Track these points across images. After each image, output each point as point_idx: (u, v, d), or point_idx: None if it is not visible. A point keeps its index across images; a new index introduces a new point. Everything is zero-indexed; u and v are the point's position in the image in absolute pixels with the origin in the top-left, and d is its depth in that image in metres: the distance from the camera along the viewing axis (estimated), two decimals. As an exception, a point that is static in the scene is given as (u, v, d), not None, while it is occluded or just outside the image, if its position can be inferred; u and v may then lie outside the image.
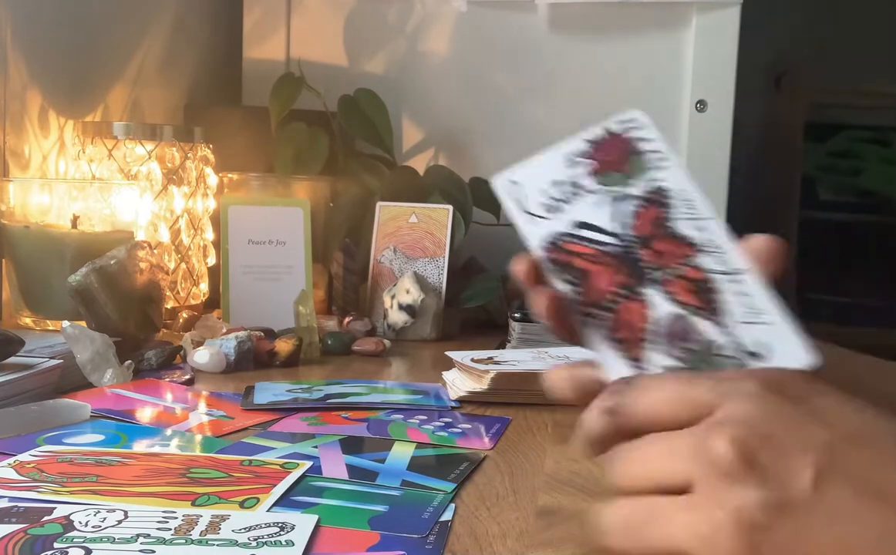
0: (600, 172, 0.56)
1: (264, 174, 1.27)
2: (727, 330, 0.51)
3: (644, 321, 0.52)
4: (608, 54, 1.47)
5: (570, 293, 0.53)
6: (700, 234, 0.53)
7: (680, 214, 0.54)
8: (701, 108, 1.44)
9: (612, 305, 0.53)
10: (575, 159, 0.56)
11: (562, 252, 0.54)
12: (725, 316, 0.51)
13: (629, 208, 0.55)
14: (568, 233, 0.55)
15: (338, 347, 1.01)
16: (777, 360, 0.49)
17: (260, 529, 0.48)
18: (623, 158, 0.56)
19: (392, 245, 1.20)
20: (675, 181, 0.55)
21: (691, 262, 0.53)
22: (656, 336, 0.51)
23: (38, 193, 1.00)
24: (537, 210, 0.56)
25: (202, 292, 1.19)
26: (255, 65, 1.52)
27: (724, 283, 0.52)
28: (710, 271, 0.52)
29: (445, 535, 0.49)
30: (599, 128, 0.56)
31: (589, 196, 0.55)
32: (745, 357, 0.50)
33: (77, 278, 0.87)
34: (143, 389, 0.80)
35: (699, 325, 0.51)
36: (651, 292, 0.52)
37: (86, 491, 0.53)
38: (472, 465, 0.62)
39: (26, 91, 1.08)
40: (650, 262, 0.53)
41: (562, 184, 0.56)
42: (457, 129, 1.49)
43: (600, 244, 0.54)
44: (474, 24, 1.48)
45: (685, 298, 0.52)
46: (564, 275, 0.54)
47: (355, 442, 0.67)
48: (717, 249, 0.52)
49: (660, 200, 0.54)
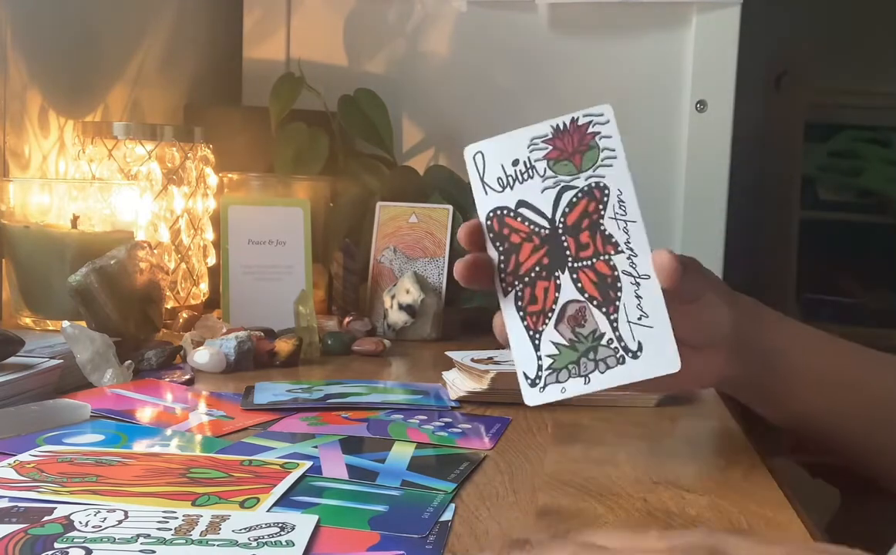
0: (554, 159, 0.61)
1: (264, 174, 1.27)
2: (616, 325, 0.59)
3: (551, 301, 0.60)
4: (608, 54, 1.47)
5: (499, 262, 0.61)
6: (622, 234, 0.59)
7: (610, 212, 0.60)
8: (701, 108, 1.44)
9: (528, 280, 0.61)
10: (537, 143, 0.62)
11: (502, 224, 0.61)
12: (619, 313, 0.59)
13: (568, 198, 0.61)
14: (511, 209, 0.62)
15: (338, 347, 1.01)
16: (648, 360, 0.58)
17: (260, 529, 0.48)
18: (578, 150, 0.61)
19: (392, 245, 1.20)
20: (616, 180, 0.60)
21: (606, 258, 0.59)
22: (556, 315, 0.60)
23: (38, 193, 1.00)
24: (492, 183, 0.62)
25: (202, 292, 1.19)
26: (255, 65, 1.52)
27: (627, 284, 0.59)
28: (619, 271, 0.59)
29: (445, 535, 0.49)
30: (568, 116, 0.61)
31: (538, 180, 0.61)
32: (624, 351, 0.58)
33: (77, 278, 0.87)
34: (143, 389, 0.80)
35: (594, 314, 0.59)
36: (563, 277, 0.60)
37: (86, 491, 0.53)
38: (472, 465, 0.62)
39: (26, 91, 1.08)
40: (572, 250, 0.60)
41: (519, 163, 0.62)
42: (457, 129, 1.49)
43: (535, 225, 0.61)
44: (474, 24, 1.48)
45: (589, 290, 0.60)
46: (498, 245, 0.61)
47: (355, 442, 0.67)
48: (631, 251, 0.59)
49: (597, 195, 0.60)
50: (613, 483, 0.59)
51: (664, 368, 0.57)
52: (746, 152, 1.74)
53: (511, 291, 0.61)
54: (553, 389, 0.59)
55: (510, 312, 0.60)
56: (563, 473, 0.61)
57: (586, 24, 1.47)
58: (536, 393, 0.59)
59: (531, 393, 0.59)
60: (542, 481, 0.60)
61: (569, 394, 0.59)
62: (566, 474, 0.61)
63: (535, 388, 0.59)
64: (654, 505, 0.55)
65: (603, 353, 0.59)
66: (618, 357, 0.58)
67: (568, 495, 0.57)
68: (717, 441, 0.71)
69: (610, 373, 0.58)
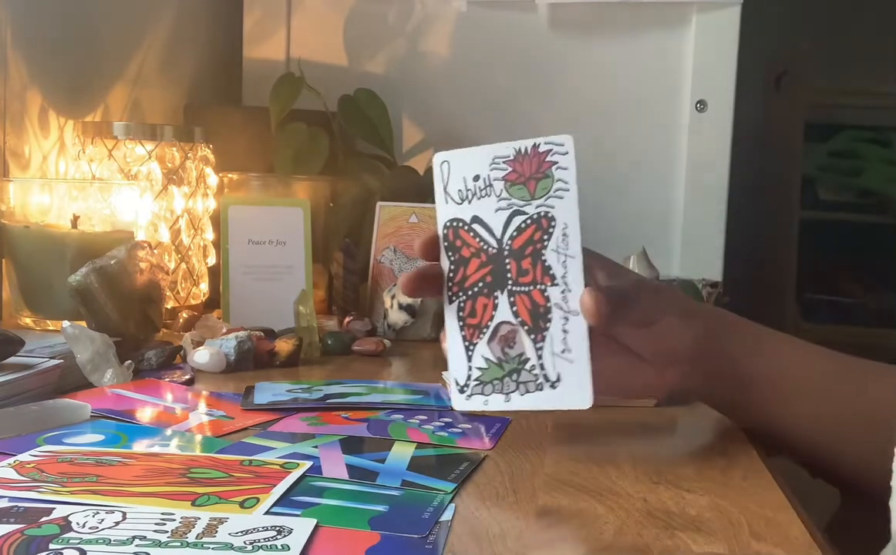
0: (511, 181, 0.63)
1: (264, 174, 1.27)
2: (540, 354, 0.61)
3: (487, 317, 0.63)
4: (608, 54, 1.47)
5: (449, 270, 0.64)
6: (560, 268, 0.61)
7: (553, 245, 0.61)
8: (701, 108, 1.44)
9: (472, 293, 0.63)
10: (499, 162, 0.63)
11: (456, 236, 0.64)
12: (545, 342, 0.61)
13: (518, 223, 0.62)
14: (466, 222, 0.64)
15: (338, 347, 1.01)
16: (563, 392, 0.60)
17: (257, 532, 0.48)
18: (534, 177, 0.62)
19: (392, 245, 1.20)
20: (564, 214, 0.61)
21: (542, 288, 0.61)
22: (490, 332, 0.63)
23: (38, 193, 1.00)
24: (453, 193, 0.64)
25: (202, 292, 1.19)
26: (255, 65, 1.52)
27: (557, 317, 0.61)
28: (552, 303, 0.61)
29: (446, 535, 0.49)
30: (530, 141, 0.62)
31: (494, 199, 0.63)
32: (543, 379, 0.61)
33: (77, 278, 0.87)
34: (143, 389, 0.80)
35: (523, 339, 0.62)
36: (502, 298, 0.63)
37: (86, 491, 0.53)
38: (472, 465, 0.62)
39: (26, 91, 1.08)
40: (513, 274, 0.62)
41: (479, 179, 0.63)
42: (457, 130, 1.49)
43: (484, 242, 0.63)
44: (474, 24, 1.48)
45: (522, 315, 0.62)
46: (450, 254, 0.64)
47: (355, 442, 0.67)
48: (566, 286, 0.61)
49: (544, 225, 0.61)
50: (613, 483, 0.59)
51: (577, 403, 0.60)
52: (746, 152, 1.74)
53: (455, 301, 0.64)
54: (477, 399, 0.63)
55: (451, 320, 0.64)
56: (563, 473, 0.61)
57: (586, 24, 1.47)
58: (463, 400, 0.64)
59: (458, 398, 0.64)
60: (542, 481, 0.60)
61: (490, 407, 0.63)
62: (566, 474, 0.61)
63: (463, 394, 0.64)
64: (654, 505, 0.55)
65: (525, 377, 0.62)
66: (537, 384, 0.61)
67: (568, 495, 0.57)
68: (717, 441, 0.71)
69: (528, 396, 0.62)
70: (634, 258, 1.16)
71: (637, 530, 0.51)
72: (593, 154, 1.47)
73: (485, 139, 0.66)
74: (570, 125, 1.48)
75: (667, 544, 0.49)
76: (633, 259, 1.16)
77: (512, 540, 0.49)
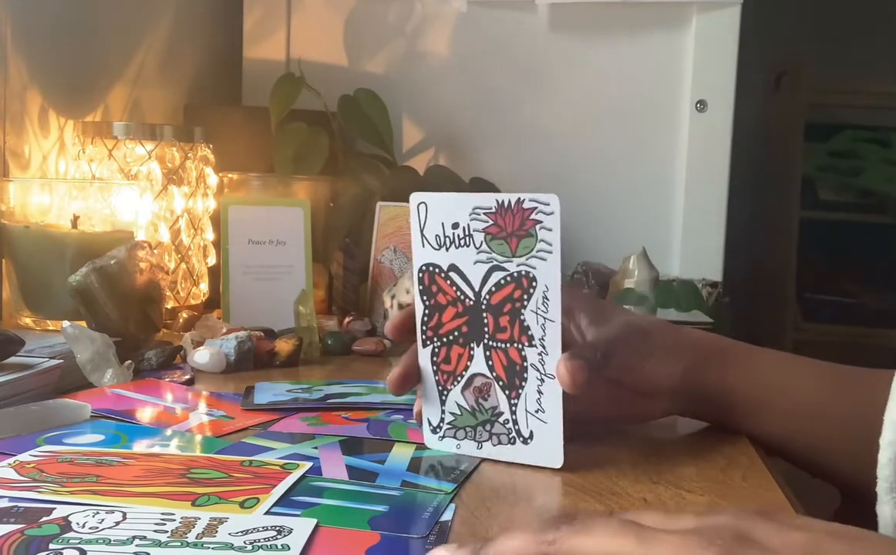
0: (492, 234, 0.60)
1: (264, 174, 1.27)
2: (514, 410, 0.61)
3: (462, 367, 0.62)
4: (608, 54, 1.47)
5: (423, 313, 0.63)
6: (538, 330, 0.60)
7: (532, 306, 0.60)
8: (701, 108, 1.44)
9: (447, 340, 0.63)
10: (479, 214, 0.61)
11: (432, 281, 0.63)
12: (519, 400, 0.61)
13: (497, 278, 0.61)
14: (443, 269, 0.62)
15: (338, 347, 1.01)
16: (535, 450, 0.61)
17: (257, 532, 0.48)
18: (516, 234, 0.60)
19: (392, 245, 1.20)
20: (545, 276, 0.59)
21: (519, 347, 0.60)
22: (464, 382, 0.62)
23: (38, 193, 1.00)
24: (430, 238, 0.62)
25: (202, 292, 1.19)
26: (255, 65, 1.52)
27: (533, 377, 0.60)
28: (528, 363, 0.60)
29: (446, 535, 0.49)
30: (515, 196, 0.60)
31: (473, 251, 0.61)
32: (516, 434, 0.61)
33: (77, 278, 0.87)
34: (143, 389, 0.80)
35: (497, 393, 0.61)
36: (477, 350, 0.62)
37: (85, 491, 0.53)
38: (472, 465, 0.62)
39: (26, 91, 1.08)
40: (490, 328, 0.61)
41: (458, 227, 0.61)
42: (457, 129, 1.49)
43: (461, 293, 0.62)
44: (474, 24, 1.48)
45: (498, 371, 0.61)
46: (425, 298, 0.63)
47: (355, 442, 0.67)
48: (543, 349, 0.60)
49: (524, 284, 0.60)
50: (614, 483, 0.59)
51: (547, 462, 0.61)
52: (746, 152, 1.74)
53: (430, 345, 0.64)
54: (449, 442, 0.64)
55: (425, 363, 0.64)
56: (564, 473, 0.61)
57: (586, 24, 1.47)
58: (436, 439, 0.64)
59: (430, 438, 0.65)
60: (542, 481, 0.60)
61: (462, 451, 0.63)
62: (566, 474, 0.61)
63: (436, 435, 0.64)
64: (654, 505, 0.55)
65: (498, 429, 0.62)
66: (510, 437, 0.62)
67: (568, 494, 0.57)
68: (717, 441, 0.71)
69: (500, 448, 0.62)
70: (634, 258, 1.16)
71: (637, 531, 0.51)
72: (593, 154, 1.48)
73: (485, 138, 0.65)
74: (569, 125, 1.49)
75: (667, 544, 0.49)
76: (633, 259, 1.16)
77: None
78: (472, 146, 1.48)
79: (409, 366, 0.64)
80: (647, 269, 1.15)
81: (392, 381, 0.64)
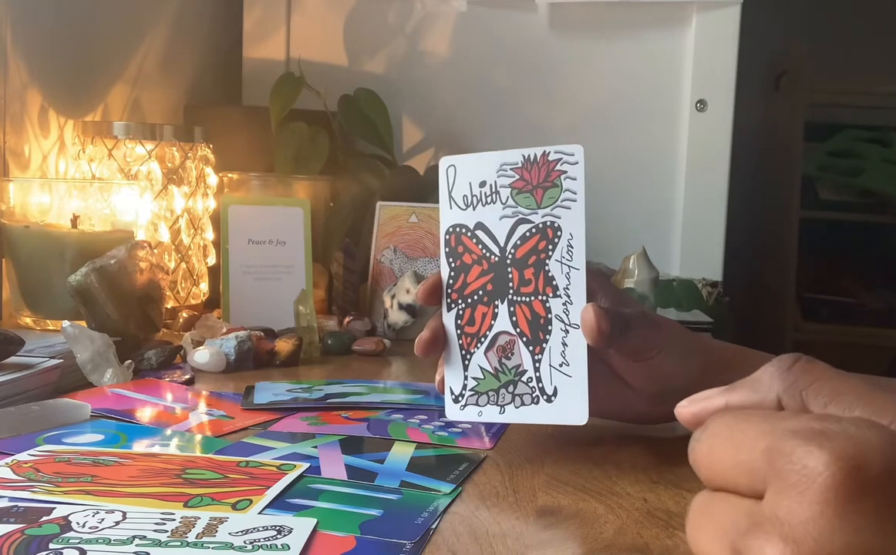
0: (518, 189, 0.61)
1: (264, 174, 1.27)
2: (538, 366, 0.60)
3: (486, 327, 0.62)
4: (608, 54, 1.47)
5: (448, 276, 0.63)
6: (563, 279, 0.60)
7: (557, 255, 0.60)
8: (701, 108, 1.44)
9: (471, 301, 0.62)
10: (506, 169, 0.62)
11: (458, 242, 0.63)
12: (543, 355, 0.60)
13: (522, 231, 0.61)
14: (470, 228, 0.63)
15: (338, 347, 1.01)
16: (560, 407, 0.60)
17: (257, 532, 0.48)
18: (542, 185, 0.61)
19: (392, 245, 1.20)
20: (570, 224, 0.60)
21: (543, 299, 0.60)
22: (488, 342, 0.62)
23: (38, 192, 1.00)
24: (458, 199, 0.63)
25: (202, 292, 1.19)
26: (255, 65, 1.53)
27: (557, 329, 0.60)
28: (552, 315, 0.60)
29: (424, 543, 0.48)
30: (540, 149, 0.61)
31: (500, 206, 0.62)
32: (540, 393, 0.60)
33: (77, 278, 0.87)
34: (143, 388, 0.80)
35: (521, 350, 0.61)
36: (502, 307, 0.62)
37: (80, 491, 0.53)
38: (472, 465, 0.62)
39: (26, 91, 1.08)
40: (514, 283, 0.61)
41: (485, 185, 0.62)
42: (457, 130, 1.49)
43: (487, 250, 0.62)
44: (474, 24, 1.48)
45: (522, 326, 0.61)
46: (451, 260, 0.63)
47: (355, 442, 0.67)
48: (568, 298, 0.60)
49: (549, 234, 0.60)
50: (614, 483, 0.59)
51: (572, 419, 0.59)
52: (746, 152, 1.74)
53: (454, 308, 0.63)
54: (471, 409, 0.63)
55: (450, 327, 0.63)
56: (563, 473, 0.61)
57: (586, 24, 1.47)
58: (457, 409, 0.63)
59: (452, 408, 0.63)
60: (542, 481, 0.60)
61: (484, 419, 0.62)
62: (566, 474, 0.61)
63: (457, 404, 0.63)
64: (654, 505, 0.55)
65: (521, 389, 0.61)
66: (533, 397, 0.61)
67: (568, 494, 0.57)
68: (717, 441, 0.71)
69: (524, 409, 0.61)
70: (634, 258, 1.16)
71: (637, 530, 0.51)
72: (593, 154, 1.47)
73: (485, 138, 0.66)
74: (569, 125, 1.49)
75: (667, 543, 0.49)
76: (633, 259, 1.16)
77: (512, 540, 0.49)
78: (472, 146, 1.47)
79: (437, 329, 0.63)
80: (647, 268, 1.15)
81: (420, 343, 0.63)
